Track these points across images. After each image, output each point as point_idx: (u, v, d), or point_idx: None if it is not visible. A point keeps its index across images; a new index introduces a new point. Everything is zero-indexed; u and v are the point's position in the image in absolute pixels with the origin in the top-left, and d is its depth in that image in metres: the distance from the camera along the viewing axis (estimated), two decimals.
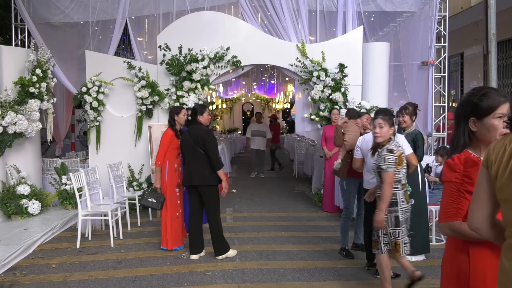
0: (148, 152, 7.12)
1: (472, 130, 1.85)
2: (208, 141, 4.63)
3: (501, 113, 1.80)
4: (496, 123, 1.80)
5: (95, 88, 6.97)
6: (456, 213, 1.76)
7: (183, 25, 7.27)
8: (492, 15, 6.76)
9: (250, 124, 11.53)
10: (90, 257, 4.90)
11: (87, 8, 7.71)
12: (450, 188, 1.79)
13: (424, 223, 4.66)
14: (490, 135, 1.81)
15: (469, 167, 1.77)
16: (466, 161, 1.79)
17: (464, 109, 1.87)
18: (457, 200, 1.77)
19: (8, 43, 8.60)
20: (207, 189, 4.68)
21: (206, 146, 4.61)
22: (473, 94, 1.86)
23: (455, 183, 1.78)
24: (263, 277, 4.25)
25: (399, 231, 3.60)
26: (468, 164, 1.78)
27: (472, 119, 1.84)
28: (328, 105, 7.19)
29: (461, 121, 1.88)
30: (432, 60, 7.68)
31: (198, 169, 4.64)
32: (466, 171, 1.77)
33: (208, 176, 4.65)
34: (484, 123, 1.82)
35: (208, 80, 7.17)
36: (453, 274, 1.84)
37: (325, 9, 7.82)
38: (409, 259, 4.63)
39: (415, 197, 4.62)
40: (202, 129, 4.73)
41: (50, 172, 7.19)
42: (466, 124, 1.86)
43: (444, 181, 1.84)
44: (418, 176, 4.64)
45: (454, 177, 1.78)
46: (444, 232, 1.81)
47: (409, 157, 4.03)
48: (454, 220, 1.76)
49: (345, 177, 4.81)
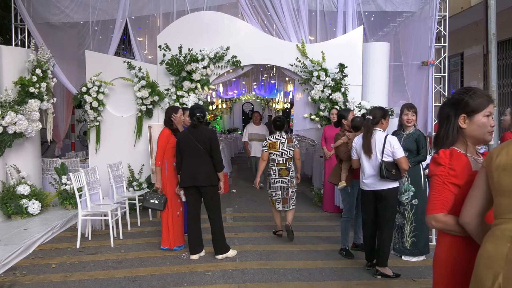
0: (148, 152, 7.12)
1: (461, 127, 1.92)
2: (215, 142, 4.66)
3: (490, 111, 1.90)
4: (485, 120, 1.89)
5: (95, 88, 6.97)
6: (441, 205, 1.82)
7: (183, 25, 7.27)
8: (492, 15, 6.76)
9: (247, 126, 9.84)
10: (90, 257, 4.90)
11: (87, 8, 7.71)
12: (436, 181, 1.86)
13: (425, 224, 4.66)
14: (479, 132, 1.90)
15: (454, 160, 1.83)
16: (451, 154, 1.85)
17: (454, 107, 1.94)
18: (441, 192, 1.83)
19: (8, 43, 8.59)
20: (210, 189, 4.69)
21: (212, 147, 4.62)
22: (464, 93, 1.94)
23: (440, 176, 1.84)
24: (263, 277, 4.25)
25: (272, 193, 5.45)
26: (454, 157, 1.84)
27: (463, 116, 1.91)
28: (328, 105, 7.19)
29: (450, 118, 1.94)
30: (432, 60, 7.67)
31: (201, 169, 4.64)
32: (451, 163, 1.82)
33: (211, 176, 4.67)
34: (474, 120, 1.90)
35: (208, 80, 7.17)
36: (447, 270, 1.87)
37: (325, 9, 7.82)
38: (409, 259, 4.66)
39: (418, 198, 4.64)
40: (207, 130, 4.76)
41: (50, 172, 7.19)
42: (455, 121, 1.92)
43: (430, 175, 1.91)
44: (421, 176, 4.65)
45: (439, 170, 1.84)
46: (430, 224, 1.87)
47: (399, 161, 4.05)
48: (439, 212, 1.82)
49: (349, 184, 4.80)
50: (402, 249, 4.74)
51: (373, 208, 4.25)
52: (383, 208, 4.16)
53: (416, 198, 4.62)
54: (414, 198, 4.63)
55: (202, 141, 4.62)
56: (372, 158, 4.14)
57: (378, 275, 4.19)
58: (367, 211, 4.30)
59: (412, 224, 4.64)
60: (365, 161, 4.21)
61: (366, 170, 4.19)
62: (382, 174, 4.03)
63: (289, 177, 5.36)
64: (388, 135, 4.21)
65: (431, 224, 1.86)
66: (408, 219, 4.67)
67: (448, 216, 1.81)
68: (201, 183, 4.65)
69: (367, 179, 4.20)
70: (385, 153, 4.08)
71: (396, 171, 4.06)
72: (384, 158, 4.07)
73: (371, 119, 4.20)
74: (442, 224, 1.82)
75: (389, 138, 4.14)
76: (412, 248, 4.67)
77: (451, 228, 1.80)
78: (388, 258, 4.22)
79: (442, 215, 1.81)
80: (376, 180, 4.12)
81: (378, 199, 4.18)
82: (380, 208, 4.18)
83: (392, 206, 4.19)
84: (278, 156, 5.34)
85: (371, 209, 4.26)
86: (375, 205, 4.23)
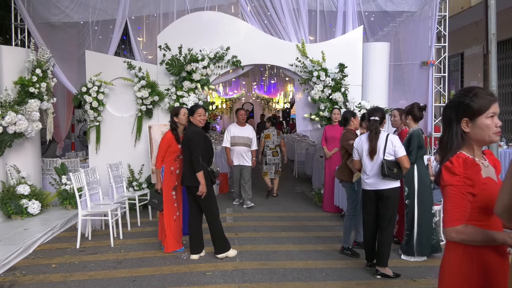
0: (148, 152, 7.13)
1: (464, 131, 1.83)
2: (193, 142, 4.62)
3: (493, 112, 1.80)
4: (489, 122, 1.79)
5: (95, 88, 6.97)
6: (460, 216, 1.73)
7: (183, 25, 7.27)
8: (492, 15, 6.77)
9: (229, 127, 7.61)
10: (90, 257, 4.90)
11: (87, 8, 7.70)
12: (452, 192, 1.75)
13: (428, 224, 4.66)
14: (484, 135, 1.80)
15: (469, 168, 1.74)
16: (465, 163, 1.76)
17: (455, 110, 1.84)
18: (460, 203, 1.73)
19: (8, 43, 8.59)
20: (197, 190, 4.66)
21: (190, 147, 4.62)
22: (464, 95, 1.83)
23: (457, 186, 1.74)
24: (263, 277, 4.25)
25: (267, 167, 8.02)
26: (468, 166, 1.75)
27: (465, 120, 1.82)
28: (328, 105, 7.19)
29: (453, 122, 1.85)
30: (432, 60, 7.67)
31: (188, 170, 4.67)
32: (466, 173, 1.74)
33: (194, 177, 4.63)
34: (477, 123, 1.80)
35: (208, 80, 7.16)
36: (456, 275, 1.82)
37: (325, 9, 7.81)
38: (410, 259, 4.67)
39: (410, 198, 4.66)
40: (190, 130, 4.75)
41: (50, 172, 7.19)
42: (458, 125, 1.83)
43: (444, 185, 1.80)
44: (414, 177, 4.66)
45: (456, 180, 1.74)
46: (450, 237, 1.76)
47: (401, 160, 4.07)
48: (460, 224, 1.73)
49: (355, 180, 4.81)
50: (402, 247, 4.79)
51: (374, 208, 4.25)
52: (384, 208, 4.16)
53: (408, 199, 4.67)
54: (407, 199, 4.67)
55: (186, 141, 4.68)
56: (375, 158, 4.14)
57: (378, 275, 4.19)
58: (368, 211, 4.30)
59: (406, 223, 4.71)
60: (367, 160, 4.21)
61: (368, 169, 4.19)
62: (383, 173, 4.04)
63: (279, 156, 8.06)
64: (389, 134, 4.22)
65: (451, 236, 1.75)
66: (407, 219, 4.71)
67: (469, 226, 1.72)
68: (187, 183, 4.73)
69: (369, 178, 4.20)
70: (387, 152, 4.09)
71: (397, 169, 4.07)
72: (386, 157, 4.08)
73: (378, 120, 4.19)
74: (464, 235, 1.72)
75: (390, 137, 4.14)
76: (406, 246, 4.71)
77: (474, 239, 1.72)
78: (388, 258, 4.22)
79: (463, 227, 1.72)
80: (378, 180, 4.13)
81: (379, 199, 4.18)
82: (381, 208, 4.18)
83: (393, 206, 4.19)
84: (271, 143, 8.01)
85: (372, 209, 4.26)
86: (376, 205, 4.23)
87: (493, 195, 1.78)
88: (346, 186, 4.94)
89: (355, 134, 5.06)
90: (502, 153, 7.93)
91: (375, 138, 4.15)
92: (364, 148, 4.25)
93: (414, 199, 4.63)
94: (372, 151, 4.14)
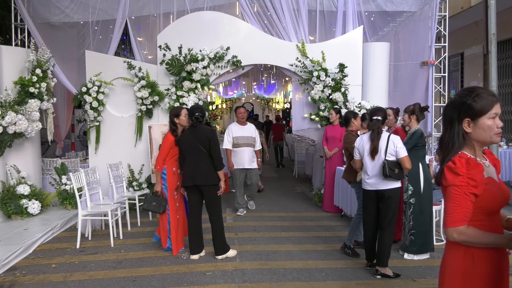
0: (148, 152, 7.13)
1: (466, 131, 1.82)
2: (213, 141, 4.65)
3: (495, 113, 1.79)
4: (490, 123, 1.78)
5: (95, 88, 6.97)
6: (463, 217, 1.72)
7: (183, 25, 7.27)
8: (492, 15, 6.76)
9: (230, 127, 7.02)
10: (90, 257, 4.90)
11: (87, 8, 7.70)
12: (455, 192, 1.73)
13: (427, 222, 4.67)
14: (485, 135, 1.79)
15: (472, 169, 1.74)
16: (468, 163, 1.75)
17: (457, 110, 1.83)
18: (463, 203, 1.72)
19: (8, 43, 8.60)
20: (210, 189, 4.68)
21: (211, 145, 4.61)
22: (466, 95, 1.81)
23: (460, 187, 1.72)
24: (263, 277, 4.25)
25: None
26: (471, 166, 1.74)
27: (467, 120, 1.80)
28: (328, 105, 7.19)
29: (454, 122, 1.83)
30: (432, 60, 7.68)
31: (202, 169, 4.64)
32: (469, 173, 1.73)
33: (211, 176, 4.66)
34: (479, 124, 1.79)
35: (208, 80, 7.16)
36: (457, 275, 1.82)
37: (325, 9, 7.81)
38: (414, 258, 4.67)
39: (415, 197, 4.65)
40: (206, 129, 4.74)
41: (50, 172, 7.19)
42: (459, 126, 1.82)
43: (447, 186, 1.78)
44: (419, 176, 4.66)
45: (459, 180, 1.73)
46: (452, 237, 1.74)
47: (402, 160, 4.08)
48: (462, 224, 1.72)
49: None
50: (404, 246, 4.79)
51: (374, 208, 4.25)
52: (385, 208, 4.16)
53: (413, 197, 4.66)
54: (412, 197, 4.67)
55: (201, 140, 4.63)
56: (376, 158, 4.14)
57: (378, 275, 4.19)
58: (368, 211, 4.30)
59: (411, 222, 4.70)
60: (368, 160, 4.20)
61: (369, 169, 4.19)
62: (385, 173, 4.04)
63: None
64: (391, 134, 4.22)
65: (452, 237, 1.73)
66: (408, 217, 4.72)
67: (472, 228, 1.71)
68: (200, 182, 4.65)
69: (370, 178, 4.20)
70: (388, 152, 4.09)
71: (399, 170, 4.07)
72: (387, 157, 4.08)
73: (381, 119, 4.19)
74: (466, 237, 1.71)
75: (392, 138, 4.14)
76: (411, 245, 4.70)
77: (475, 241, 1.71)
78: (388, 258, 4.22)
79: (465, 228, 1.71)
80: (379, 180, 4.13)
81: (380, 199, 4.18)
82: (382, 208, 4.18)
83: (394, 206, 4.19)
84: None
85: (372, 209, 4.26)
86: (377, 205, 4.23)
87: (495, 195, 1.77)
88: (355, 187, 4.94)
89: (357, 135, 5.06)
90: (502, 153, 7.93)
91: (377, 137, 4.15)
92: (365, 148, 4.25)
93: (420, 198, 4.63)
94: (374, 151, 4.14)
